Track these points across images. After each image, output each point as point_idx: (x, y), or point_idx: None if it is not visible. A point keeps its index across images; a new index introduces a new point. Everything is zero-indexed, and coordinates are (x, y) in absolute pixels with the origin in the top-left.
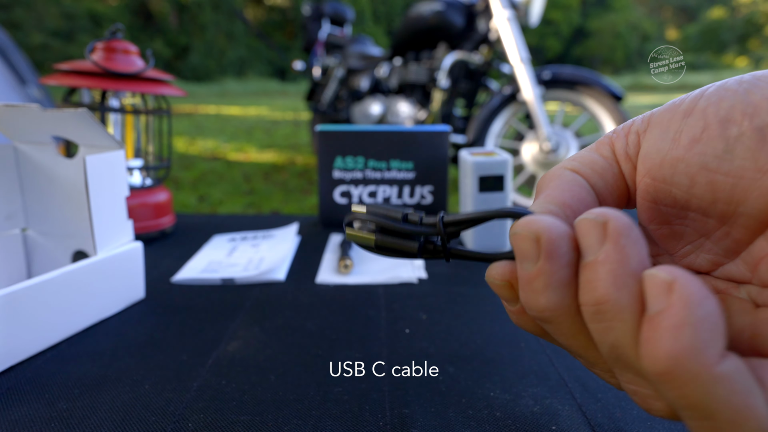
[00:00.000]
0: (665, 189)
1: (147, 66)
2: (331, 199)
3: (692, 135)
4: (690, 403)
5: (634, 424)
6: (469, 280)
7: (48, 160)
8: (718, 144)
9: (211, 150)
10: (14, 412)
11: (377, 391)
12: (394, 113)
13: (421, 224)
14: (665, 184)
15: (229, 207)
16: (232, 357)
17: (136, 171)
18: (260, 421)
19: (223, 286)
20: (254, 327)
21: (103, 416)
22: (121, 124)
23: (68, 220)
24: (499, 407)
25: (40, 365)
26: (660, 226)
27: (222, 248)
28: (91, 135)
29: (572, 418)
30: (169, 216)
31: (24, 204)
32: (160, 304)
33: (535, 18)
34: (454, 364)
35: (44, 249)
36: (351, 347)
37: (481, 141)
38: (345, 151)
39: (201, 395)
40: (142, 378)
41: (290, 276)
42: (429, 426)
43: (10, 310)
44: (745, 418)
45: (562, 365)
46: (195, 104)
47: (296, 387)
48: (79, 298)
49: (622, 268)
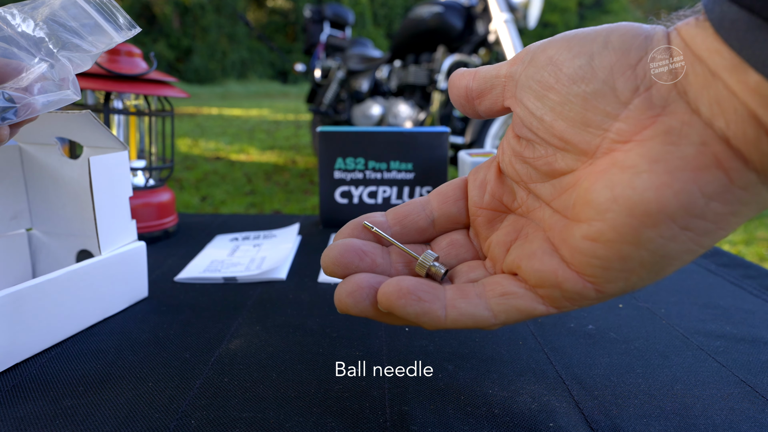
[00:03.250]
0: (527, 122)
1: (150, 68)
2: (332, 200)
3: (547, 84)
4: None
5: (630, 421)
6: None
7: (53, 161)
8: (558, 96)
9: (214, 151)
10: (20, 409)
11: (377, 388)
12: (394, 114)
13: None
14: (526, 118)
15: (231, 207)
16: (234, 355)
17: (140, 172)
18: (262, 418)
19: (226, 285)
20: (256, 325)
21: (107, 413)
22: (124, 126)
23: (73, 220)
24: (497, 404)
25: (44, 363)
26: (520, 141)
27: (224, 248)
28: (95, 136)
29: (569, 415)
30: (172, 216)
31: (29, 204)
32: (163, 303)
33: (533, 20)
34: (452, 362)
35: (49, 248)
36: (351, 345)
37: (479, 142)
38: (345, 152)
39: (203, 392)
40: (146, 376)
41: (291, 275)
42: (428, 423)
43: (15, 309)
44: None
45: (560, 363)
46: (197, 106)
47: (297, 384)
48: (83, 296)
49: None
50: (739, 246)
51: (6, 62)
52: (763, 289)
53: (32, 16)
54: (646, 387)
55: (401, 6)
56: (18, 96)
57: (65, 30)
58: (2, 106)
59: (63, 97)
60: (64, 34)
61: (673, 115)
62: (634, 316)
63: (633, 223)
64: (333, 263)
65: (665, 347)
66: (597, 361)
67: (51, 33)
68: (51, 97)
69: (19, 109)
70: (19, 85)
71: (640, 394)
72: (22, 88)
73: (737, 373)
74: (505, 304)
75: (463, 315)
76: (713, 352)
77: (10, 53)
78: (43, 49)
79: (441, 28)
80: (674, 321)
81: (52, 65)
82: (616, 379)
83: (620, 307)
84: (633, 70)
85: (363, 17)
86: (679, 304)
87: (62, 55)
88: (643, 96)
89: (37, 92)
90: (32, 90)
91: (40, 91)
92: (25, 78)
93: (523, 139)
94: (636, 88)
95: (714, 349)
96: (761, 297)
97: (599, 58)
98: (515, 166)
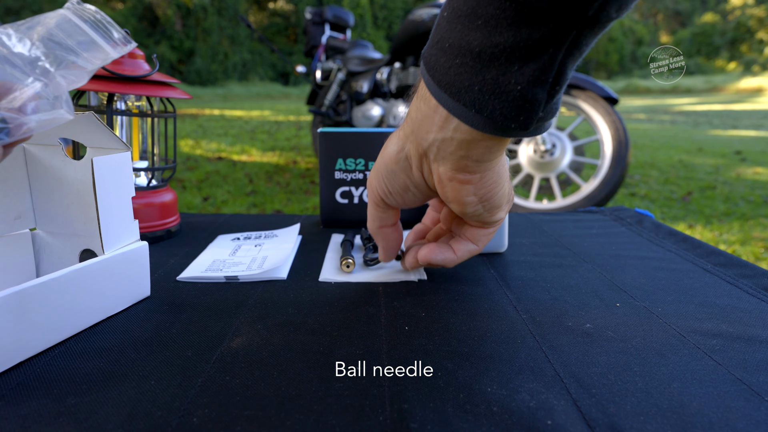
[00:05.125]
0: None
1: (153, 70)
2: (333, 200)
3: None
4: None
5: (628, 419)
6: (467, 279)
7: (56, 162)
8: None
9: (216, 151)
10: (24, 407)
11: (377, 386)
12: (394, 116)
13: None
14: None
15: (233, 207)
16: (236, 353)
17: (142, 172)
18: (263, 416)
19: (227, 284)
20: (257, 324)
21: (110, 411)
22: (127, 127)
23: (76, 220)
24: (496, 402)
25: (48, 361)
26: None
27: (226, 247)
28: (98, 137)
29: (567, 413)
30: (174, 216)
31: (33, 204)
32: (165, 302)
33: None
34: (452, 361)
35: (52, 248)
36: (352, 344)
37: None
38: (346, 152)
39: (205, 390)
40: (148, 374)
41: (292, 274)
42: (428, 420)
43: (19, 308)
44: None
45: (558, 362)
46: (199, 107)
47: (298, 382)
48: (86, 296)
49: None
50: (735, 245)
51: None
52: (759, 289)
53: (28, 36)
54: (643, 385)
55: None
56: (11, 116)
57: (61, 48)
58: None
59: (56, 116)
60: (60, 52)
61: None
62: (632, 315)
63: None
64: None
65: (662, 346)
66: (594, 359)
67: (48, 51)
68: (44, 116)
69: (11, 129)
70: (12, 105)
71: (637, 392)
72: (16, 108)
73: (733, 372)
74: (462, 250)
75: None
76: (710, 351)
77: (3, 73)
78: (38, 68)
79: None
80: (671, 320)
81: (46, 84)
82: (613, 377)
83: (618, 306)
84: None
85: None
86: (676, 303)
87: (58, 73)
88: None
89: (31, 111)
90: (26, 109)
91: (33, 110)
92: (18, 97)
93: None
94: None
95: (710, 348)
96: (757, 296)
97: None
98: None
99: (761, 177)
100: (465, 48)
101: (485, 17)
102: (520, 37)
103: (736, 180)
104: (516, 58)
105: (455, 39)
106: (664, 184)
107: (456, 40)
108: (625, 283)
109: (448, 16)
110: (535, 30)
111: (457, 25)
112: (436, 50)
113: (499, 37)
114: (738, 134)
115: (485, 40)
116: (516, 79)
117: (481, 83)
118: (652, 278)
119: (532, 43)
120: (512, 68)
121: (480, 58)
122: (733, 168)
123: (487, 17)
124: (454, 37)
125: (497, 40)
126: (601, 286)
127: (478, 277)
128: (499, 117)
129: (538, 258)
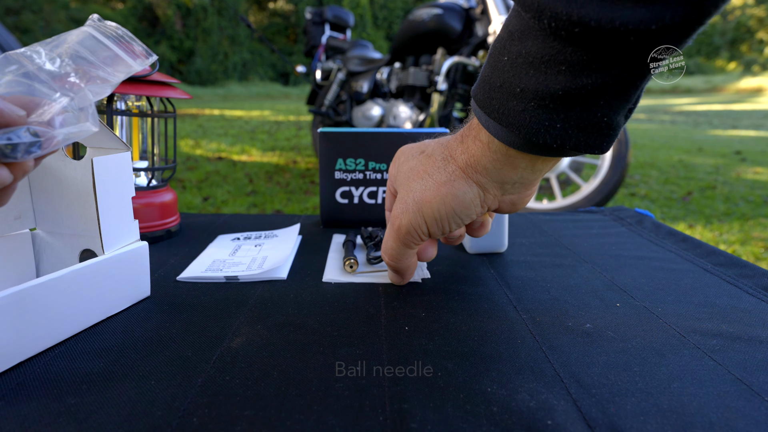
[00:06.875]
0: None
1: (153, 70)
2: (333, 200)
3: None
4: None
5: (627, 419)
6: (467, 279)
7: (57, 162)
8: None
9: (216, 151)
10: (24, 406)
11: (377, 386)
12: (394, 116)
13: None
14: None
15: (233, 207)
16: (236, 353)
17: (142, 172)
18: (263, 416)
19: (227, 284)
20: (257, 324)
21: (111, 411)
22: (127, 127)
23: (76, 220)
24: (496, 402)
25: (48, 361)
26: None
27: (226, 247)
28: (98, 137)
29: (567, 412)
30: (174, 216)
31: (33, 204)
32: (165, 302)
33: None
34: (452, 361)
35: (53, 248)
36: (352, 344)
37: None
38: (346, 152)
39: (205, 390)
40: (148, 374)
41: (292, 274)
42: (428, 420)
43: (19, 308)
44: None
45: (558, 362)
46: (199, 107)
47: (298, 382)
48: (86, 296)
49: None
50: (735, 245)
51: (29, 99)
52: (759, 288)
53: (57, 53)
54: (643, 385)
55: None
56: (42, 131)
57: (86, 63)
58: (29, 141)
59: (83, 129)
60: (87, 67)
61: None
62: (631, 315)
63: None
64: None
65: (662, 346)
66: (594, 359)
67: (77, 67)
68: (72, 129)
69: (43, 143)
70: (41, 119)
71: (637, 392)
72: (45, 122)
73: (733, 372)
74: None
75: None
76: (709, 351)
77: (32, 89)
78: (67, 83)
79: (440, 30)
80: (671, 320)
81: (72, 98)
82: (613, 377)
83: (618, 306)
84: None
85: (363, 19)
86: (676, 303)
87: (87, 88)
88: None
89: (59, 125)
90: (54, 123)
91: (61, 124)
92: (47, 111)
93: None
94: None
95: (710, 348)
96: (757, 296)
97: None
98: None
99: (761, 177)
100: (543, 92)
101: (569, 63)
102: (609, 76)
103: (736, 180)
104: (603, 94)
105: (528, 84)
106: (664, 184)
107: (530, 85)
108: (625, 283)
109: (512, 61)
110: (625, 70)
111: (529, 70)
112: (499, 94)
113: (586, 79)
114: (738, 134)
115: (569, 83)
116: (602, 112)
117: (563, 120)
118: (652, 278)
119: (623, 81)
120: (598, 103)
121: (563, 100)
122: (733, 168)
123: (572, 63)
124: (526, 82)
125: (584, 82)
126: (601, 286)
127: (478, 277)
128: (583, 147)
129: (538, 258)
